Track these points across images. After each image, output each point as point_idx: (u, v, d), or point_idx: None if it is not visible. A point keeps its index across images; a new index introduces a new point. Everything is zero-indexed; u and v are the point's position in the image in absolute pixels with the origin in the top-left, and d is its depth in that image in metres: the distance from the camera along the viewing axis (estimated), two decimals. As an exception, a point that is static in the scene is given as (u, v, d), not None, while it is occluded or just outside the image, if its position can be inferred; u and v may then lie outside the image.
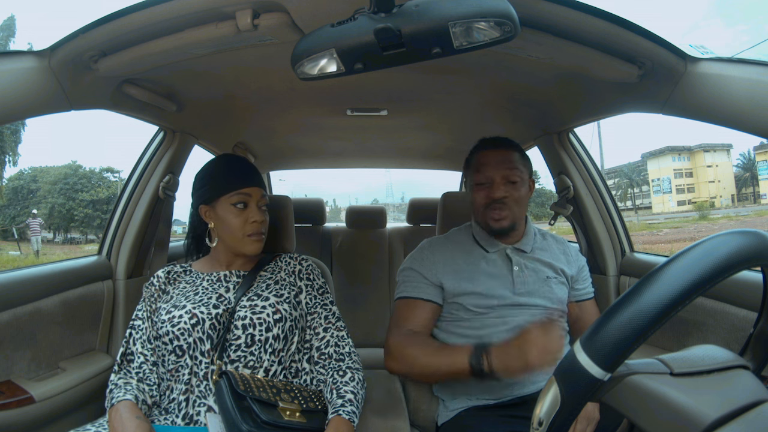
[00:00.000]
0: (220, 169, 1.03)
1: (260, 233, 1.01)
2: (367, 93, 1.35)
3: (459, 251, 1.15)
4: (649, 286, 0.41)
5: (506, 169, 1.09)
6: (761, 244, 0.42)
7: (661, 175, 34.26)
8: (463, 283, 1.09)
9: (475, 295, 1.08)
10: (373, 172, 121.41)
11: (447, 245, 1.18)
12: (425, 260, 1.14)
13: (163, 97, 1.17)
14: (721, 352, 0.45)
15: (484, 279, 1.10)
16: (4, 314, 1.05)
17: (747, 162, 35.49)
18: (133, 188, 1.43)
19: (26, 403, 1.04)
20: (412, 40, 0.64)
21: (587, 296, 1.20)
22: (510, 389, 1.04)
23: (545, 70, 1.05)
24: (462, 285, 1.09)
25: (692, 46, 0.82)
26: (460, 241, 1.19)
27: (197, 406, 0.87)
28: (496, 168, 1.10)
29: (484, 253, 1.14)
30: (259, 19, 0.78)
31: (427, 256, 1.15)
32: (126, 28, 0.81)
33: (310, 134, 1.85)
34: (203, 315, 0.91)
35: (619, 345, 0.40)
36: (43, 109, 0.88)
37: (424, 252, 1.17)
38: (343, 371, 0.95)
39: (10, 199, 24.20)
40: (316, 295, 1.04)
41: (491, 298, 1.08)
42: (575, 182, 1.44)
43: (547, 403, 0.43)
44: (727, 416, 0.38)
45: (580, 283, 1.20)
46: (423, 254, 1.16)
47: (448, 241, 1.20)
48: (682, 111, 0.87)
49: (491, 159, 1.11)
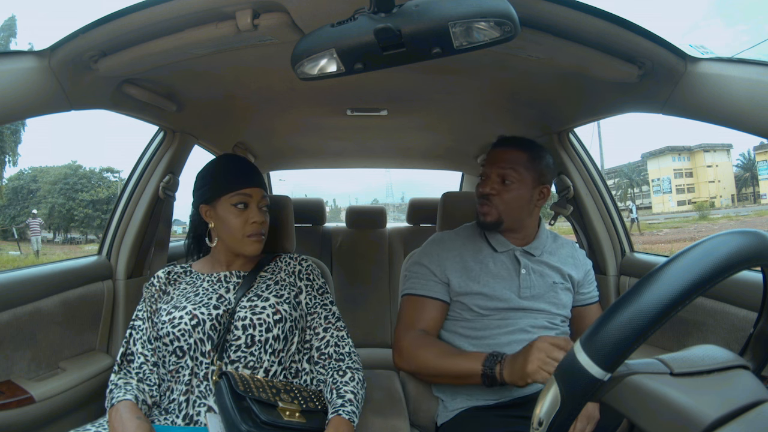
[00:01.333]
0: (221, 168, 1.03)
1: (260, 234, 1.01)
2: (367, 93, 1.35)
3: (468, 248, 1.14)
4: (649, 286, 0.41)
5: (501, 167, 1.10)
6: (761, 244, 0.42)
7: (661, 175, 34.26)
8: (469, 283, 1.09)
9: (480, 295, 1.08)
10: (373, 172, 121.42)
11: (456, 241, 1.17)
12: (434, 255, 1.14)
13: (163, 97, 1.17)
14: (721, 352, 0.45)
15: (490, 280, 1.09)
16: (4, 314, 1.05)
17: (747, 162, 35.49)
18: (133, 188, 1.43)
19: (26, 403, 1.04)
20: (412, 40, 0.64)
21: (592, 300, 1.20)
22: (510, 389, 1.04)
23: (545, 70, 1.05)
24: (468, 284, 1.09)
25: (692, 46, 0.82)
26: (471, 238, 1.17)
27: (197, 406, 0.87)
28: (492, 165, 1.11)
29: (493, 253, 1.13)
30: (259, 19, 0.78)
31: (437, 251, 1.15)
32: (126, 28, 0.81)
33: (310, 134, 1.85)
34: (204, 316, 0.91)
35: (619, 345, 0.40)
36: (43, 109, 0.88)
37: (434, 247, 1.16)
38: (343, 371, 0.95)
39: (10, 199, 24.18)
40: (316, 295, 1.04)
41: (496, 300, 1.07)
42: (575, 182, 1.44)
43: (547, 403, 0.43)
44: (727, 416, 0.38)
45: (586, 287, 1.19)
46: (432, 249, 1.16)
47: (458, 237, 1.19)
48: (682, 111, 0.87)
49: (493, 156, 1.13)
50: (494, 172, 1.10)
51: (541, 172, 1.12)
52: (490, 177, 1.11)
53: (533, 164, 1.10)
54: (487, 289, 1.08)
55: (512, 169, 1.09)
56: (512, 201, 1.09)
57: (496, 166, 1.10)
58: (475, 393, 1.06)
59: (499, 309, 1.07)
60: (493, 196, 1.10)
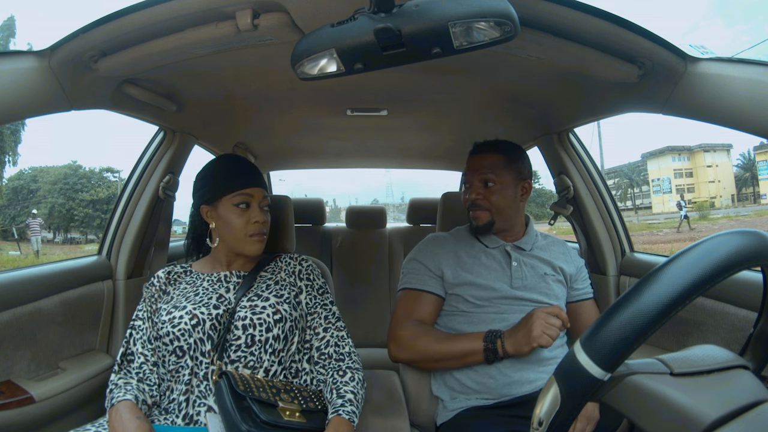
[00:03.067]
0: (222, 169, 1.03)
1: (262, 234, 1.01)
2: (367, 93, 1.35)
3: (461, 245, 1.20)
4: (649, 286, 0.41)
5: (482, 173, 1.17)
6: (761, 244, 0.42)
7: (661, 175, 34.23)
8: (463, 273, 1.13)
9: (474, 286, 1.12)
10: (373, 172, 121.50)
11: (450, 239, 1.23)
12: (429, 252, 1.20)
13: (163, 97, 1.17)
14: (721, 352, 0.45)
15: (483, 271, 1.14)
16: (4, 314, 1.05)
17: (747, 162, 35.46)
18: (133, 188, 1.43)
19: (26, 403, 1.04)
20: (412, 40, 0.64)
21: (587, 296, 1.21)
22: (510, 389, 1.04)
23: (545, 70, 1.05)
24: (462, 275, 1.13)
25: (692, 46, 0.82)
26: (463, 237, 1.24)
27: (197, 406, 0.87)
28: (473, 172, 1.18)
29: (484, 248, 1.19)
30: (259, 19, 0.78)
31: (431, 248, 1.21)
32: (126, 28, 0.81)
33: (310, 134, 1.85)
34: (204, 316, 0.91)
35: (619, 345, 0.40)
36: (43, 109, 0.88)
37: (429, 245, 1.23)
38: (343, 371, 0.95)
39: (10, 199, 24.17)
40: (316, 295, 1.04)
41: (489, 289, 1.11)
42: (575, 182, 1.44)
43: (547, 403, 0.43)
44: (727, 416, 0.38)
45: (580, 283, 1.21)
46: (427, 246, 1.22)
47: (451, 236, 1.25)
48: (682, 111, 0.87)
49: (472, 163, 1.20)
50: (476, 179, 1.17)
51: (519, 169, 1.19)
52: (474, 184, 1.18)
53: (511, 164, 1.17)
54: (480, 279, 1.12)
55: (492, 173, 1.16)
56: (498, 202, 1.16)
57: (477, 173, 1.17)
58: (475, 393, 1.06)
59: (492, 299, 1.11)
60: (480, 200, 1.16)
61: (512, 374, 1.04)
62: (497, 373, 1.04)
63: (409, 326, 1.10)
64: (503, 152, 1.18)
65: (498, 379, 1.04)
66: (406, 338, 1.09)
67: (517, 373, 1.04)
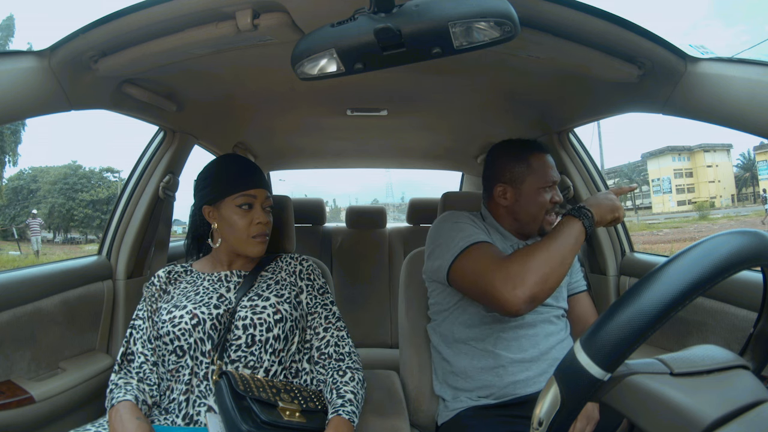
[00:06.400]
0: (225, 169, 1.02)
1: (265, 234, 1.01)
2: (367, 93, 1.35)
3: (494, 235, 1.11)
4: (649, 286, 0.41)
5: (557, 174, 1.11)
6: (761, 244, 0.42)
7: (661, 175, 34.22)
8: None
9: None
10: (373, 172, 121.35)
11: (480, 224, 1.11)
12: (469, 221, 1.08)
13: (163, 97, 1.17)
14: (721, 352, 0.45)
15: None
16: (4, 314, 1.05)
17: (747, 162, 35.47)
18: (133, 188, 1.43)
19: (26, 403, 1.04)
20: (412, 40, 0.64)
21: (581, 288, 1.20)
22: (514, 388, 1.03)
23: (545, 70, 1.05)
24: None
25: (692, 46, 0.82)
26: (492, 228, 1.14)
27: (197, 406, 0.87)
28: (554, 170, 1.10)
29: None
30: (259, 19, 0.78)
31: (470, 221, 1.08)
32: (126, 28, 0.81)
33: (310, 134, 1.86)
34: (204, 315, 0.90)
35: (619, 345, 0.40)
36: (43, 109, 0.88)
37: (463, 216, 1.10)
38: (343, 371, 0.95)
39: (10, 199, 24.18)
40: (317, 295, 1.04)
41: None
42: (575, 182, 1.44)
43: (547, 403, 0.43)
44: (727, 416, 0.38)
45: (574, 275, 1.21)
46: (463, 217, 1.09)
47: (476, 221, 1.11)
48: (682, 111, 0.87)
49: (548, 161, 1.10)
50: (556, 179, 1.10)
51: None
52: (555, 184, 1.10)
53: None
54: None
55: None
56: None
57: (555, 174, 1.10)
58: (476, 393, 1.06)
59: None
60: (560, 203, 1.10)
61: (518, 374, 1.03)
62: (504, 372, 1.04)
63: (507, 262, 0.92)
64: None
65: (504, 378, 1.03)
66: (516, 271, 0.88)
67: (524, 373, 1.03)
